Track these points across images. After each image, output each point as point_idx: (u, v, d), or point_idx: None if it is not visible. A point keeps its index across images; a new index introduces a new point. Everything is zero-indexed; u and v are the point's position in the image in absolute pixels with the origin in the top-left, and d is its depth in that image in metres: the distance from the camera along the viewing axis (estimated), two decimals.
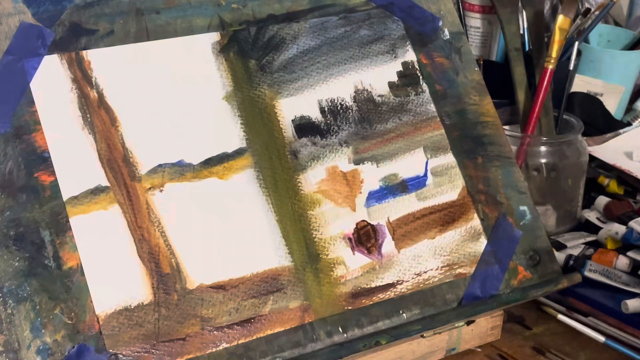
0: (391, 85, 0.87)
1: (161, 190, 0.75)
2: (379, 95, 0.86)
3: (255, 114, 0.80)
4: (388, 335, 0.76)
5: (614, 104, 1.28)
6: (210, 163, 0.77)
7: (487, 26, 1.24)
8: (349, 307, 0.77)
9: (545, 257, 0.86)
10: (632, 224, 0.98)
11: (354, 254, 0.79)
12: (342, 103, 0.84)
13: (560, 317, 0.92)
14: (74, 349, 0.68)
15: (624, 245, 0.99)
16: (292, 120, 0.81)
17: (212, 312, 0.73)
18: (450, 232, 0.84)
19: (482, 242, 0.84)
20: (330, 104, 0.84)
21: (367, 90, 0.86)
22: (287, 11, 0.85)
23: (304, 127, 0.82)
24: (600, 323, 0.91)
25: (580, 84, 1.25)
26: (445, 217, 0.84)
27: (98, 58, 0.76)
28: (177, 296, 0.72)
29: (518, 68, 1.11)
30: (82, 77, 0.75)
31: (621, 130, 1.24)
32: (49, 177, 0.72)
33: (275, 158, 0.80)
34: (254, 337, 0.74)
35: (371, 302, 0.78)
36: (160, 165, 0.76)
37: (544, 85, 1.07)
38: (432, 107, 0.87)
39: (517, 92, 1.11)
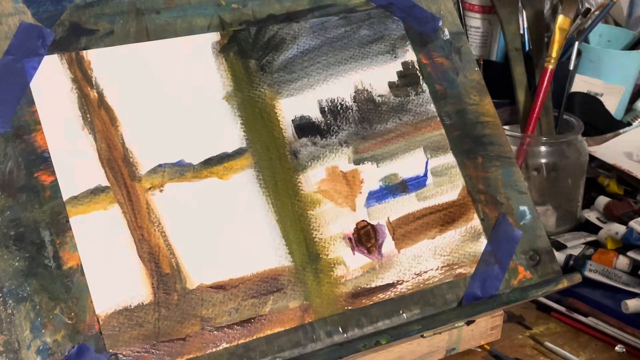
0: (391, 85, 0.87)
1: (161, 190, 0.75)
2: (379, 95, 0.86)
3: (255, 114, 0.80)
4: (388, 335, 0.76)
5: (614, 104, 1.28)
6: (210, 163, 0.77)
7: (487, 26, 1.24)
8: (349, 307, 0.77)
9: (545, 257, 0.86)
10: (632, 224, 0.98)
11: (354, 254, 0.79)
12: (342, 103, 0.84)
13: None
14: (74, 349, 0.68)
15: (624, 245, 0.99)
16: (292, 120, 0.81)
17: (212, 312, 0.73)
18: (450, 232, 0.84)
19: (482, 242, 0.84)
20: (330, 104, 0.84)
21: (367, 90, 0.86)
22: (287, 11, 0.85)
23: (304, 127, 0.82)
24: (600, 323, 0.91)
25: (580, 84, 1.25)
26: (445, 217, 0.84)
27: (98, 58, 0.76)
28: (177, 296, 0.72)
29: (518, 68, 1.11)
30: (82, 77, 0.75)
31: (621, 130, 1.24)
32: (49, 177, 0.72)
33: (275, 158, 0.79)
34: (254, 337, 0.74)
35: (371, 302, 0.78)
36: (160, 165, 0.76)
37: (544, 85, 1.07)
38: (432, 107, 0.87)
39: (517, 92, 1.11)
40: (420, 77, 0.88)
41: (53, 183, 0.71)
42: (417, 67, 0.88)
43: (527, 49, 1.16)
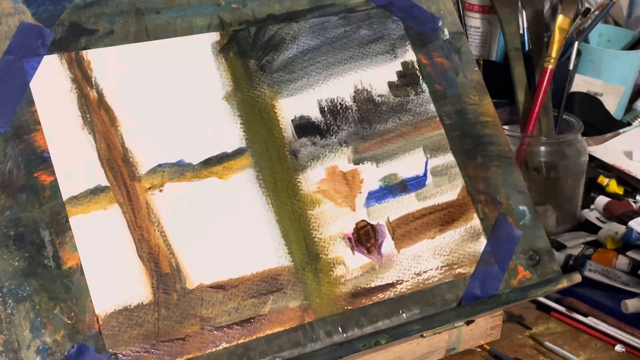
0: (391, 85, 0.87)
1: (161, 190, 0.75)
2: (378, 95, 0.86)
3: (255, 114, 0.80)
4: (388, 335, 0.76)
5: (613, 104, 1.28)
6: (210, 163, 0.77)
7: (487, 26, 1.24)
8: (349, 307, 0.77)
9: (545, 257, 0.86)
10: (632, 224, 0.98)
11: (353, 253, 0.79)
12: (342, 103, 0.84)
13: None
14: (74, 348, 0.68)
15: (624, 245, 0.99)
16: (292, 120, 0.81)
17: (211, 312, 0.73)
18: (450, 232, 0.84)
19: (482, 242, 0.84)
20: (330, 104, 0.84)
21: (366, 90, 0.86)
22: (286, 11, 0.85)
23: (303, 127, 0.82)
24: (600, 323, 0.91)
25: (580, 84, 1.25)
26: (445, 217, 0.84)
27: (98, 58, 0.77)
28: (176, 296, 0.72)
29: (518, 68, 1.11)
30: (82, 77, 0.75)
31: (621, 130, 1.24)
32: (48, 177, 0.72)
33: (275, 158, 0.80)
34: (254, 337, 0.74)
35: (371, 302, 0.78)
36: (160, 165, 0.76)
37: (544, 85, 1.07)
38: (431, 107, 0.87)
39: (517, 92, 1.11)
40: (420, 77, 0.88)
41: (53, 183, 0.72)
42: (416, 67, 0.88)
43: (527, 49, 1.16)
